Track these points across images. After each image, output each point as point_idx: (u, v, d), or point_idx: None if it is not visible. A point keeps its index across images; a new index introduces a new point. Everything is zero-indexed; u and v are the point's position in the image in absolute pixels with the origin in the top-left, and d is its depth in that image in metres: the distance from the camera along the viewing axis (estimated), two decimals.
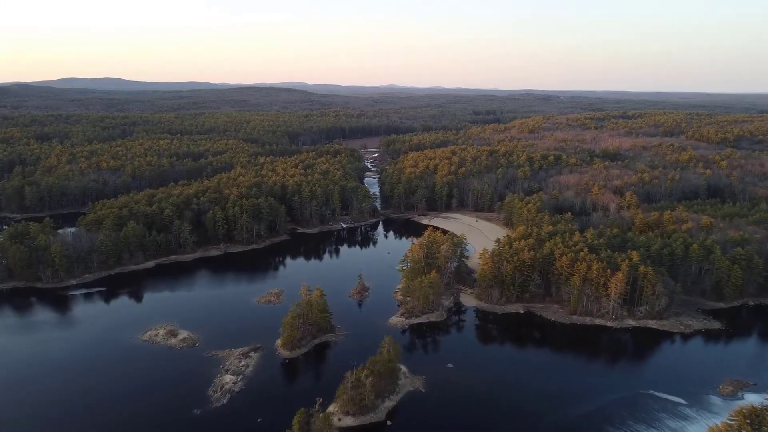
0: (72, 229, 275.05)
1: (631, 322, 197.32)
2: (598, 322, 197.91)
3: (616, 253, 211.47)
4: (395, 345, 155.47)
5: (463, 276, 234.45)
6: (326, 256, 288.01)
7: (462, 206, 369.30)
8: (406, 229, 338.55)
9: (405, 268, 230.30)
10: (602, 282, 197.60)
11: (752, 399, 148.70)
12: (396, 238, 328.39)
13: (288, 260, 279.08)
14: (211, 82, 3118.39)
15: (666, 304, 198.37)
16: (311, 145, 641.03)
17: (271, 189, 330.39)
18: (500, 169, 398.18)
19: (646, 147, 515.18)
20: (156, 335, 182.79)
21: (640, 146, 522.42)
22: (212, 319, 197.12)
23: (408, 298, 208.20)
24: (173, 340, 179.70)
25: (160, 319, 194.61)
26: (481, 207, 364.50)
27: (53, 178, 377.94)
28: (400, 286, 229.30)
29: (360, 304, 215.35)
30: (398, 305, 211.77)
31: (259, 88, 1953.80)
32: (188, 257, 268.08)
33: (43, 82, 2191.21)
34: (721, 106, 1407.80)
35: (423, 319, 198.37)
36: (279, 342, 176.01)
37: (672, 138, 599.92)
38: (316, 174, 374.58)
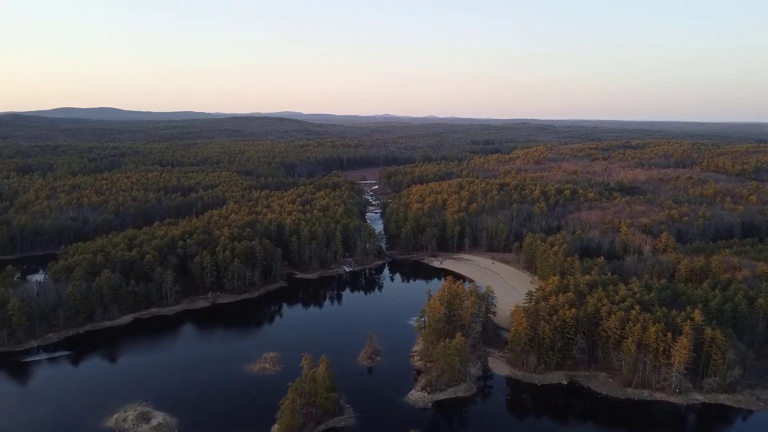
0: (40, 278, 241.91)
1: (698, 397, 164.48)
2: (658, 396, 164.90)
3: (673, 312, 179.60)
4: None
5: (490, 335, 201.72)
6: (328, 306, 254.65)
7: (474, 246, 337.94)
8: (416, 272, 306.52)
9: (422, 326, 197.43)
10: (662, 348, 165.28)
11: None
12: (404, 281, 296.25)
13: (285, 312, 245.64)
14: (206, 111, 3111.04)
15: (739, 375, 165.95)
16: (308, 177, 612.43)
17: (266, 229, 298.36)
18: (514, 205, 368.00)
19: (663, 179, 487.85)
20: (124, 420, 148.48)
21: (656, 178, 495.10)
22: (194, 395, 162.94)
23: (428, 364, 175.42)
24: (144, 427, 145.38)
25: (132, 395, 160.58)
26: (496, 247, 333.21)
27: (27, 216, 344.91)
28: (417, 348, 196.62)
29: (371, 371, 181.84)
30: (415, 373, 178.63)
31: (255, 117, 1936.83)
32: (171, 310, 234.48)
33: (37, 112, 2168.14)
34: (717, 135, 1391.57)
35: (448, 393, 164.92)
36: (276, 428, 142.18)
37: (686, 169, 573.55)
38: (315, 211, 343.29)
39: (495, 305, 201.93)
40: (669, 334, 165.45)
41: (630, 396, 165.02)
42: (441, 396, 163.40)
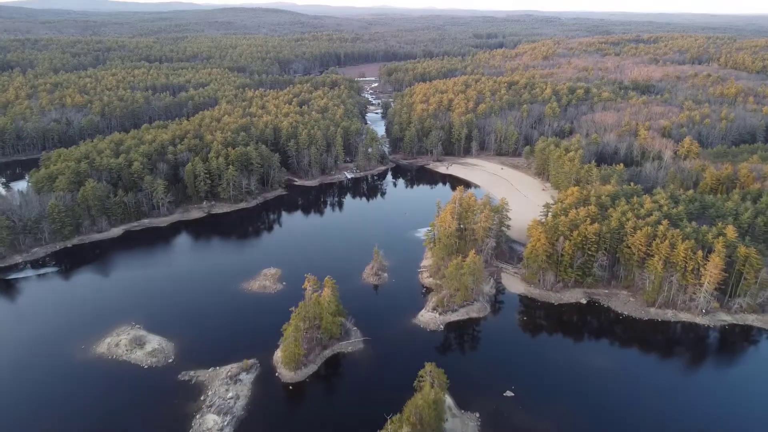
0: (23, 187, 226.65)
1: (725, 318, 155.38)
2: (683, 316, 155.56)
3: (704, 227, 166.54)
4: (440, 375, 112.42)
5: (503, 250, 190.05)
6: (330, 215, 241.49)
7: (482, 150, 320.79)
8: (421, 178, 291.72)
9: (431, 240, 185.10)
10: (691, 267, 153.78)
11: None
12: (409, 188, 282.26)
13: (285, 223, 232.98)
14: (195, 1, 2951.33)
15: None
16: (305, 75, 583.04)
17: (262, 133, 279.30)
18: (524, 106, 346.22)
19: (680, 77, 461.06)
20: (117, 345, 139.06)
21: (673, 76, 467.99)
22: (191, 316, 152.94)
23: (438, 282, 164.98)
24: (139, 353, 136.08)
25: (125, 316, 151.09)
26: (505, 151, 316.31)
27: (7, 117, 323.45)
28: (425, 263, 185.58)
29: (377, 289, 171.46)
30: (425, 291, 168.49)
31: (246, 9, 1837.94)
32: (164, 221, 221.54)
33: (16, 2, 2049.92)
34: (729, 28, 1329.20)
35: (461, 314, 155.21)
36: (279, 356, 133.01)
37: (703, 66, 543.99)
38: (313, 113, 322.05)
39: (509, 218, 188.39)
40: (699, 252, 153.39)
41: (653, 317, 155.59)
42: (453, 317, 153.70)
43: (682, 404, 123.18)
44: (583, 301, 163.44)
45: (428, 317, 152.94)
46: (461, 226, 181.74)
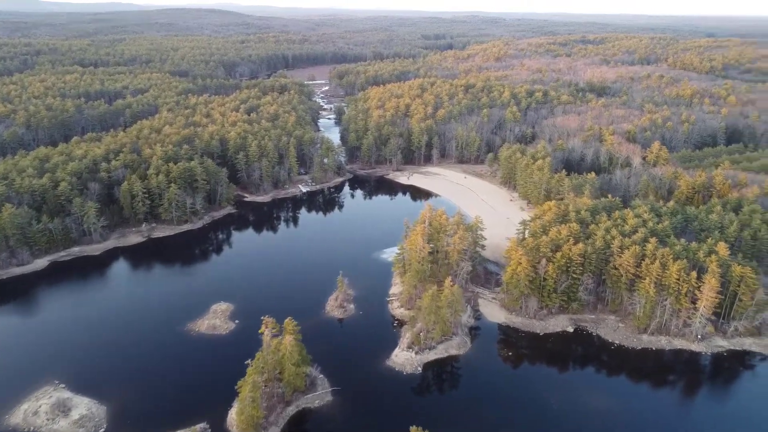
0: None
1: (722, 343, 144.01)
2: (677, 343, 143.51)
3: (693, 244, 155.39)
4: None
5: (478, 273, 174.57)
6: (285, 235, 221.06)
7: (443, 157, 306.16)
8: (381, 189, 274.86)
9: (401, 265, 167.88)
10: (684, 290, 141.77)
11: None
12: (368, 200, 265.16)
13: (235, 245, 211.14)
14: (134, 2, 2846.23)
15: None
16: (252, 78, 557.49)
17: (207, 145, 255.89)
18: (484, 110, 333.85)
19: (634, 78, 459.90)
20: (36, 413, 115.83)
21: (626, 77, 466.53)
22: (127, 371, 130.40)
23: (412, 314, 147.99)
24: (63, 423, 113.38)
25: (46, 374, 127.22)
26: (467, 158, 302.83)
27: None
28: (395, 290, 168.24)
29: (343, 324, 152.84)
30: (397, 324, 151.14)
31: (188, 9, 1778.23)
32: (97, 249, 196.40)
33: None
34: (668, 28, 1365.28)
35: (440, 352, 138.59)
36: (234, 418, 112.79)
37: (653, 67, 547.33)
38: (263, 121, 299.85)
39: (485, 238, 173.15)
40: (693, 274, 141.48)
41: (647, 345, 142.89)
42: (431, 356, 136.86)
43: None
44: (570, 330, 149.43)
45: (404, 358, 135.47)
46: (433, 248, 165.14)
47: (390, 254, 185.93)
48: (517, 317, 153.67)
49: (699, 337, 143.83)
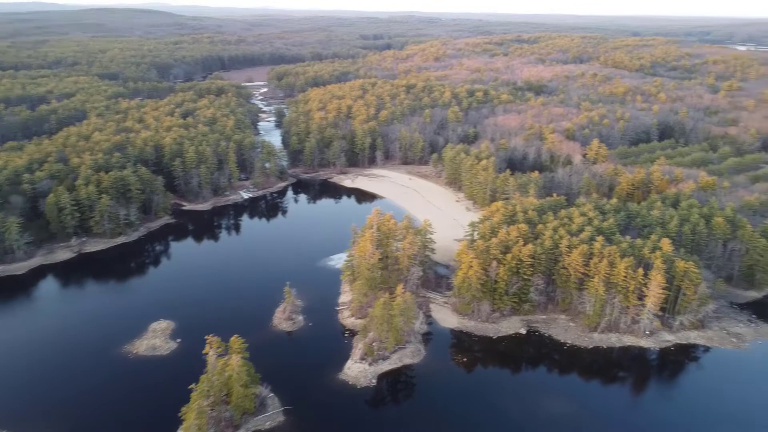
0: None
1: (668, 338, 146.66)
2: (627, 340, 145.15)
3: (638, 241, 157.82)
4: None
5: (429, 277, 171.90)
6: (227, 244, 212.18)
7: (387, 159, 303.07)
8: (326, 193, 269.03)
9: (350, 272, 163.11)
10: (632, 287, 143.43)
11: None
12: (313, 204, 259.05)
13: (175, 258, 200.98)
14: (59, 2, 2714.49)
15: (712, 310, 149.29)
16: (186, 81, 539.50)
17: (140, 152, 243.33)
18: (426, 111, 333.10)
19: (569, 77, 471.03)
20: None
21: (562, 76, 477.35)
22: (54, 402, 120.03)
23: (364, 323, 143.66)
24: None
25: None
26: (411, 159, 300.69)
27: None
28: (344, 298, 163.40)
29: (292, 337, 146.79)
30: (348, 334, 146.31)
31: (118, 9, 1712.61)
32: (21, 267, 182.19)
33: None
34: (597, 28, 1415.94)
35: (394, 362, 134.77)
36: None
37: (586, 65, 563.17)
38: (200, 125, 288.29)
39: (434, 241, 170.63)
40: (640, 271, 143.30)
41: (598, 343, 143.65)
42: (386, 366, 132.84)
43: None
44: (523, 331, 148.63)
45: (357, 370, 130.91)
46: (383, 254, 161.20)
47: (338, 261, 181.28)
48: (469, 321, 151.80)
49: (647, 332, 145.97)
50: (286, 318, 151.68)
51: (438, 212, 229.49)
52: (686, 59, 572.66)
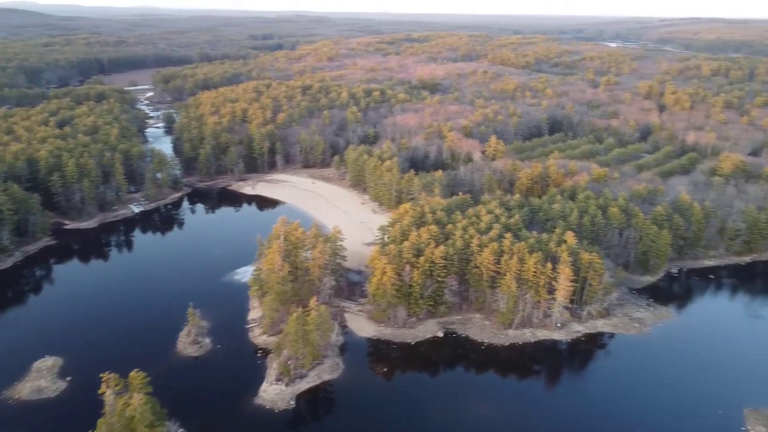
0: None
1: (578, 328, 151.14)
2: (540, 334, 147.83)
3: (544, 235, 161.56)
4: None
5: (341, 285, 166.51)
6: (119, 264, 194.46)
7: (288, 163, 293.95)
8: (225, 202, 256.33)
9: (259, 287, 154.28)
10: (543, 281, 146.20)
11: None
12: (210, 214, 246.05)
13: (59, 284, 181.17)
14: None
15: (615, 298, 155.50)
16: (61, 86, 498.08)
17: (11, 168, 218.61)
18: (325, 112, 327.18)
19: (461, 75, 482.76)
20: None
21: (454, 74, 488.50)
22: None
23: (277, 341, 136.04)
24: None
25: None
26: (313, 162, 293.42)
27: None
28: (255, 315, 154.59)
29: (200, 363, 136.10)
30: (261, 354, 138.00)
31: None
32: None
33: None
34: (480, 26, 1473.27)
35: (312, 379, 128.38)
36: None
37: (475, 63, 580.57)
38: (80, 135, 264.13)
39: (345, 248, 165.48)
40: (549, 265, 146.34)
41: (513, 340, 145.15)
42: (304, 385, 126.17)
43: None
44: (440, 334, 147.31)
45: (273, 392, 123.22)
46: (292, 265, 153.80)
47: (244, 275, 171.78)
48: (386, 328, 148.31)
49: (559, 325, 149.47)
50: (191, 342, 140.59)
51: (345, 216, 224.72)
52: (567, 56, 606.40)
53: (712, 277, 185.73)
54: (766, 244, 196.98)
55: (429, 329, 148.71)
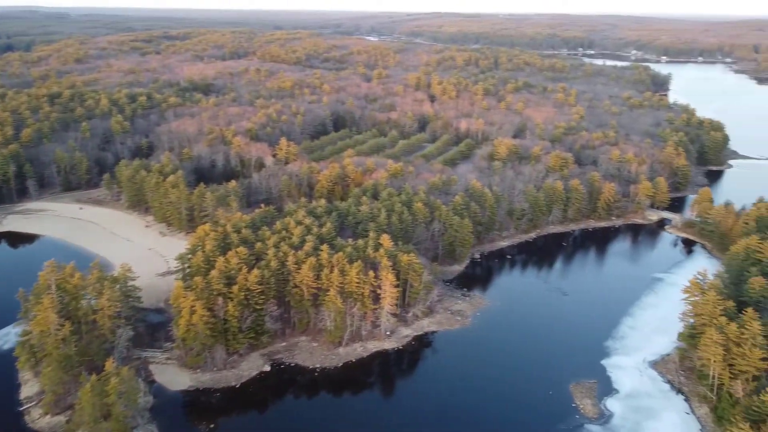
0: None
1: (407, 332, 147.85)
2: (371, 346, 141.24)
3: (360, 242, 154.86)
4: None
5: (139, 331, 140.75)
6: None
7: (44, 188, 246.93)
8: None
9: (30, 354, 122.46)
10: (367, 291, 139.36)
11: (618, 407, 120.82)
12: None
13: None
14: None
15: (436, 295, 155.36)
16: None
17: None
18: (84, 123, 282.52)
19: (233, 73, 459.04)
20: None
21: (226, 73, 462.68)
22: None
23: (67, 424, 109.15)
24: None
25: None
26: (77, 185, 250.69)
27: None
28: (30, 390, 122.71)
29: None
30: None
31: None
32: None
33: None
34: (240, 22, 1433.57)
35: None
36: None
37: (245, 60, 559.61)
38: None
39: (139, 288, 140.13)
40: (371, 273, 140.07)
41: (346, 359, 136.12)
42: None
43: None
44: (267, 368, 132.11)
45: None
46: (72, 320, 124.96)
47: (6, 340, 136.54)
48: (204, 374, 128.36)
49: (388, 333, 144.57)
50: None
51: (128, 245, 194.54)
52: (335, 51, 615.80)
53: (509, 257, 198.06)
54: (545, 219, 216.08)
55: (254, 365, 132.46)
